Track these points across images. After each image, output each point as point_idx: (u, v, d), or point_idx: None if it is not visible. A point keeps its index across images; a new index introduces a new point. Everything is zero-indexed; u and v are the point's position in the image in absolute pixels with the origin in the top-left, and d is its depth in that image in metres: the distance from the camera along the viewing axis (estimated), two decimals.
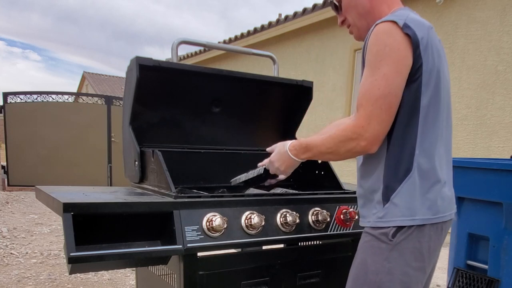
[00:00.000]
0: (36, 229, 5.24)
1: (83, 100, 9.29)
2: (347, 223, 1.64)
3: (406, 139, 1.25)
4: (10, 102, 8.59)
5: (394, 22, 1.20)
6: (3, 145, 8.95)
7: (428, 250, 1.27)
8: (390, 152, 1.26)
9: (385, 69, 1.19)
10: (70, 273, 1.34)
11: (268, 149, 1.56)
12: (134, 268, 2.77)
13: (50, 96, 8.78)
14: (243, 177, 1.67)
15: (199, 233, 1.34)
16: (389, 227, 1.24)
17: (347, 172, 7.29)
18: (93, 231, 1.25)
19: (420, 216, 1.24)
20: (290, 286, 1.63)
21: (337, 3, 1.42)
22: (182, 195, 1.43)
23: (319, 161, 1.95)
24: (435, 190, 1.26)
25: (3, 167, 9.06)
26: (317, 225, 1.58)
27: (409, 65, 1.20)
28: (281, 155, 1.44)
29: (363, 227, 1.34)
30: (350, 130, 1.23)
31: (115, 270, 3.60)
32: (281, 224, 1.49)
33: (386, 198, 1.26)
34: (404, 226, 1.23)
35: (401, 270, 1.24)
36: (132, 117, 1.72)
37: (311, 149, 1.35)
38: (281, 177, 1.65)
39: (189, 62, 11.04)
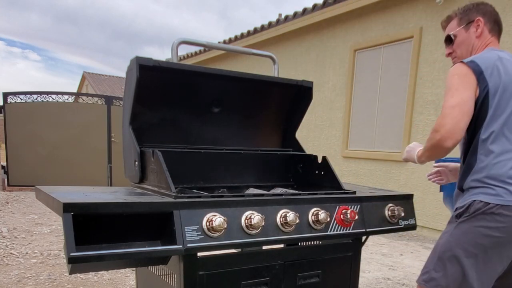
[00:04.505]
0: (36, 229, 5.24)
1: (83, 100, 9.28)
2: (347, 223, 1.64)
3: None
4: (10, 102, 8.58)
5: (462, 62, 1.58)
6: (3, 145, 8.95)
7: None
8: None
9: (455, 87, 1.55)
10: (70, 273, 1.34)
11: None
12: (134, 268, 2.77)
13: (50, 96, 8.78)
14: None
15: (199, 233, 1.34)
16: None
17: (347, 172, 7.31)
18: (93, 231, 1.25)
19: None
20: (290, 286, 1.63)
21: (453, 38, 1.77)
22: (182, 195, 1.43)
23: (319, 161, 1.95)
24: None
25: (3, 167, 9.06)
26: (317, 225, 1.57)
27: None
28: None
29: (363, 228, 1.34)
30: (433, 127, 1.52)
31: (115, 270, 3.60)
32: (281, 224, 1.49)
33: None
34: None
35: None
36: (132, 117, 1.72)
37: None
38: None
39: (189, 62, 11.04)
